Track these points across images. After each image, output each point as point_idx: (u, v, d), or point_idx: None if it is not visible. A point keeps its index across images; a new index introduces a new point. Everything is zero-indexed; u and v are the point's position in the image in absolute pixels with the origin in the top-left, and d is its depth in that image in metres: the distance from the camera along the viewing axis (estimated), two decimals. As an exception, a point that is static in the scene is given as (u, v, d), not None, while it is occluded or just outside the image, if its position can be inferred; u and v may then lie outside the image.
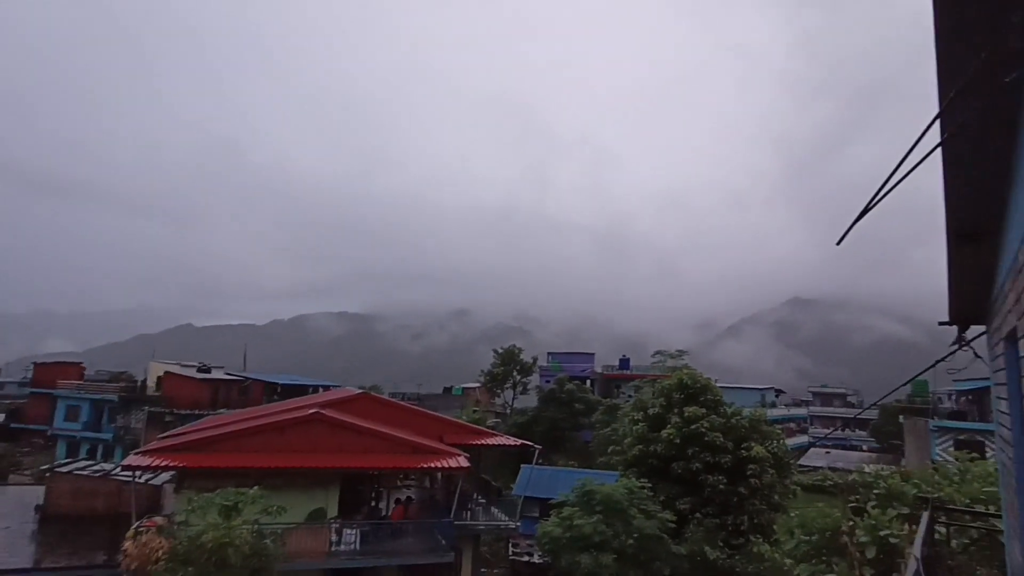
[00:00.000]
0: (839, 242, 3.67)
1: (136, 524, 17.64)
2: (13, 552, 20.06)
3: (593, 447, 46.82)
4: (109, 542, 20.16)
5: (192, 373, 56.53)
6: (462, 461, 22.79)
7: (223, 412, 44.73)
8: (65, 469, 26.64)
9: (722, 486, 24.65)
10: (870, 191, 3.52)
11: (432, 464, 23.15)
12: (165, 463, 20.42)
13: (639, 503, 21.70)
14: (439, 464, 23.01)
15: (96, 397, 53.44)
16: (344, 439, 22.52)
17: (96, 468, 27.33)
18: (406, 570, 21.34)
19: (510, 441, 29.14)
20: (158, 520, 19.55)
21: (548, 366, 65.99)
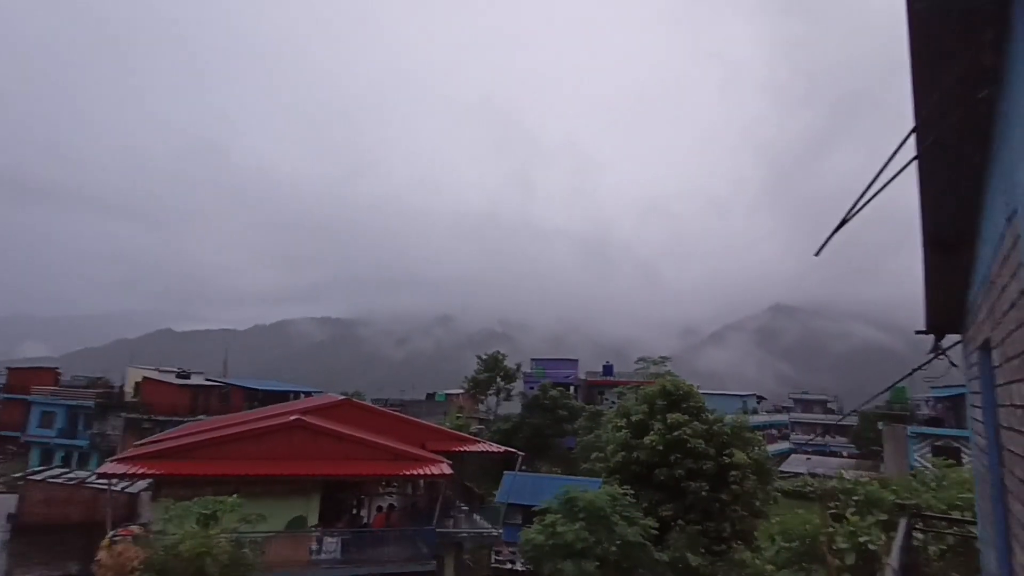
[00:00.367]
0: (817, 253, 3.71)
1: (111, 533, 17.23)
2: (-18, 563, 19.53)
3: (576, 454, 46.82)
4: (83, 552, 19.68)
5: (171, 379, 55.60)
6: (445, 468, 22.64)
7: (202, 419, 44.01)
8: (39, 477, 26.01)
9: (704, 492, 24.78)
10: (849, 201, 3.58)
11: (414, 471, 22.95)
12: (142, 471, 20.00)
13: (622, 510, 21.72)
14: (421, 471, 22.83)
15: (72, 403, 52.26)
16: (325, 446, 22.27)
17: (71, 476, 26.72)
18: (388, 579, 21.10)
19: (493, 448, 29.03)
20: (134, 529, 19.13)
21: (532, 372, 65.95)
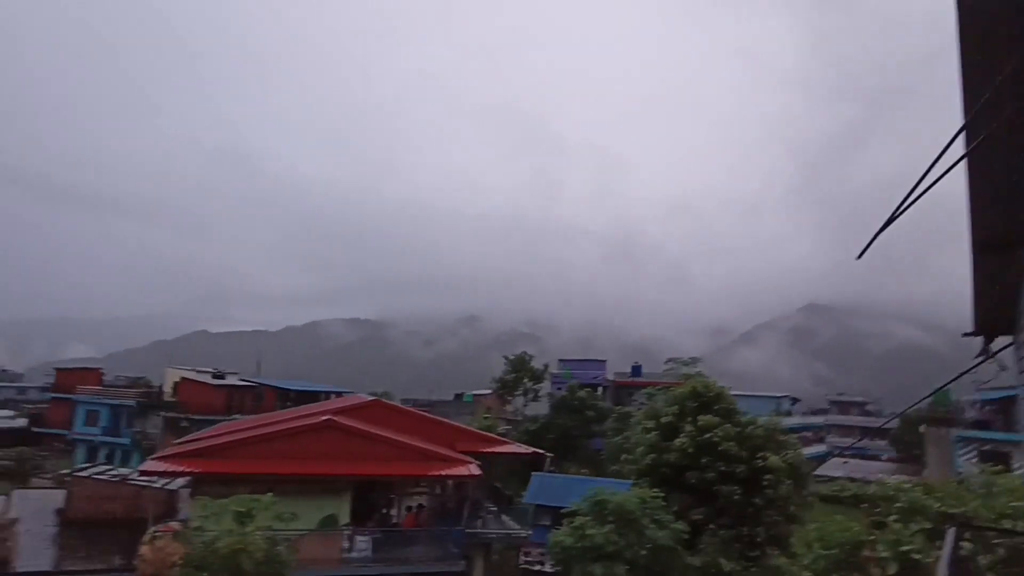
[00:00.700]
0: (860, 256, 3.60)
1: (152, 529, 17.79)
2: (34, 555, 20.31)
3: (605, 455, 46.47)
4: (127, 546, 20.33)
5: (207, 379, 57.11)
6: (473, 469, 22.73)
7: (237, 418, 45.09)
8: (85, 473, 26.96)
9: (737, 496, 24.30)
10: (887, 196, 3.46)
11: (443, 472, 23.12)
12: (180, 469, 20.61)
13: (652, 513, 21.46)
14: (450, 472, 22.98)
15: (114, 402, 54.18)
16: (356, 446, 22.57)
17: (114, 473, 27.64)
18: (417, 578, 21.28)
19: (521, 449, 29.03)
20: (174, 525, 19.71)
21: (559, 373, 65.70)
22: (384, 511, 25.44)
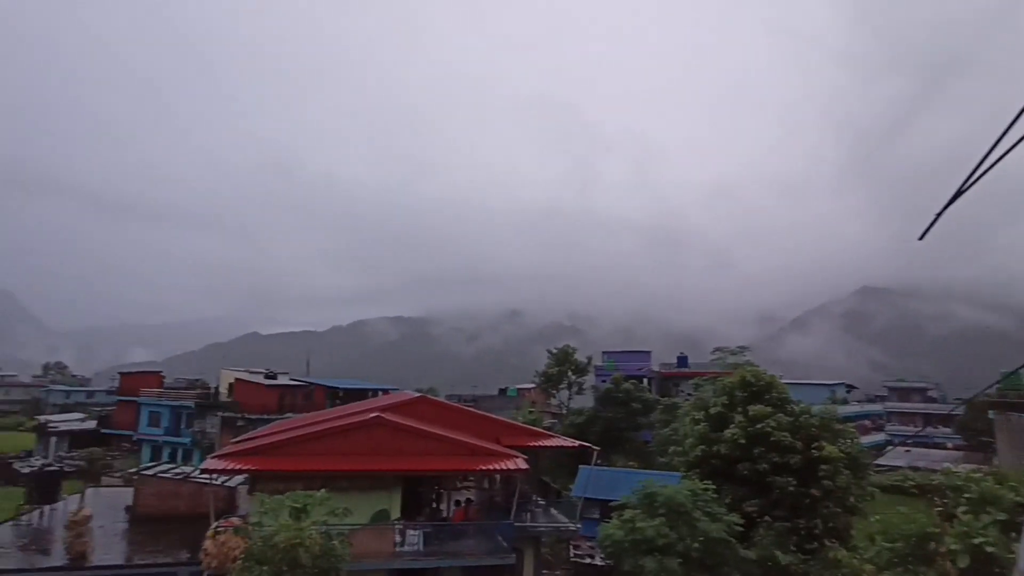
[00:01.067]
0: (923, 236, 3.39)
1: (215, 524, 18.53)
2: (108, 550, 21.50)
3: (653, 447, 45.94)
4: (191, 541, 21.28)
5: (260, 379, 59.09)
6: (520, 463, 22.78)
7: (289, 416, 46.52)
8: (150, 472, 28.30)
9: (792, 488, 23.63)
10: (945, 171, 3.26)
11: (490, 466, 23.24)
12: (238, 466, 21.38)
13: (703, 505, 21.09)
14: (497, 466, 23.08)
15: (175, 404, 56.73)
16: (404, 442, 22.94)
17: (177, 471, 28.93)
18: (469, 571, 21.50)
19: (568, 442, 28.91)
20: (234, 521, 20.49)
21: (603, 365, 65.20)
22: (433, 505, 25.81)
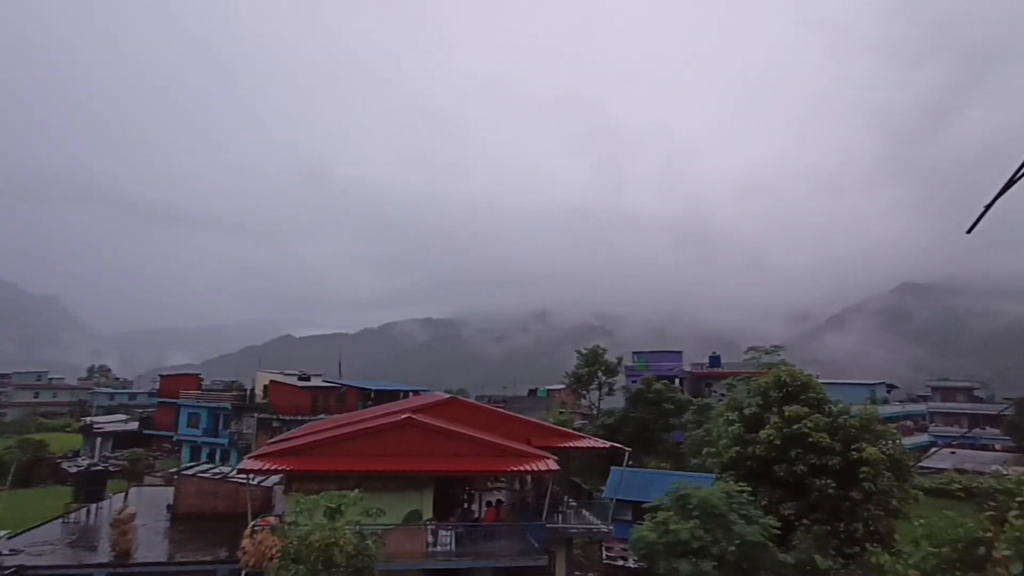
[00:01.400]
0: (970, 230, 3.23)
1: (252, 523, 18.95)
2: (150, 547, 22.18)
3: (685, 448, 45.30)
4: (229, 539, 21.81)
5: (294, 381, 60.25)
6: (551, 464, 22.70)
7: (323, 418, 47.34)
8: (190, 472, 29.10)
9: (831, 490, 22.99)
10: (987, 162, 3.10)
11: (521, 467, 23.22)
12: (274, 467, 21.83)
13: (739, 508, 20.66)
14: (528, 467, 23.05)
15: (212, 405, 58.29)
16: (436, 443, 23.09)
17: (216, 471, 29.68)
18: (500, 572, 21.52)
19: (599, 444, 28.70)
20: (271, 520, 20.94)
21: (634, 365, 64.62)
22: (465, 506, 25.92)
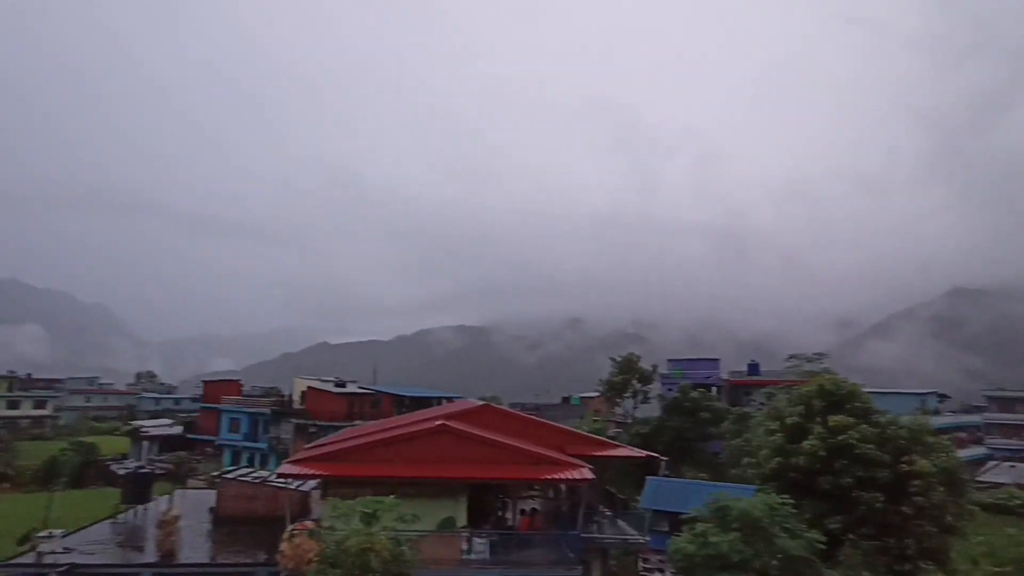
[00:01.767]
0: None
1: (290, 527, 19.21)
2: (194, 548, 22.72)
3: (724, 459, 44.23)
4: (268, 542, 22.16)
5: (330, 388, 61.26)
6: (586, 473, 22.40)
7: (358, 424, 47.92)
8: (231, 475, 29.77)
9: (879, 504, 22.07)
10: None
11: (556, 475, 22.99)
12: (311, 472, 22.14)
13: (781, 521, 19.98)
14: (563, 475, 22.80)
15: (252, 411, 59.72)
16: (469, 450, 23.04)
17: (256, 475, 30.29)
18: (536, 581, 21.27)
19: (635, 452, 28.25)
20: (308, 524, 21.19)
21: (669, 373, 63.56)
22: (499, 514, 25.77)
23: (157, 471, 33.82)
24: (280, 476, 22.93)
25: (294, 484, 25.45)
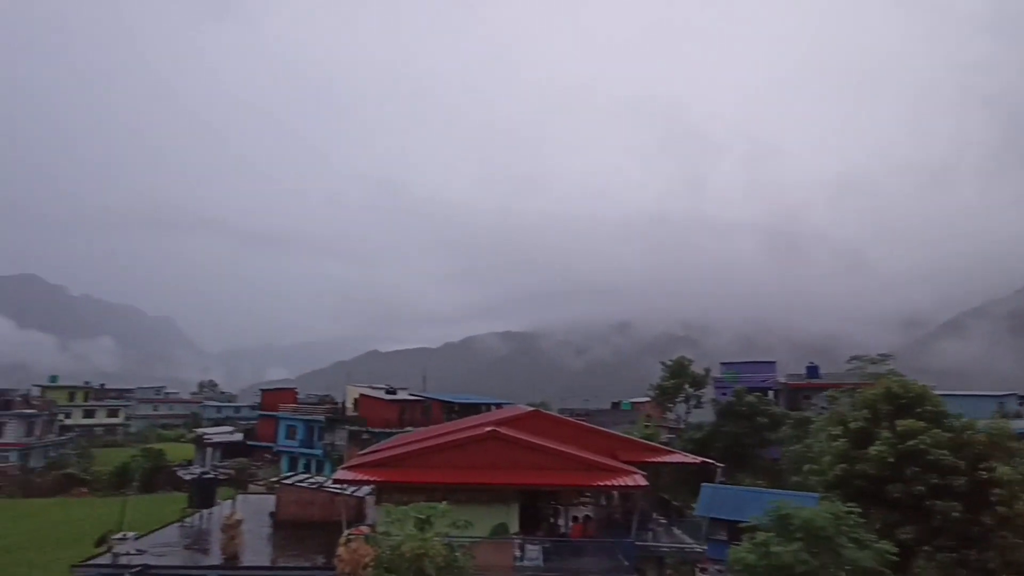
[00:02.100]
0: None
1: (347, 532, 19.59)
2: (256, 551, 23.47)
3: (783, 465, 42.63)
4: (325, 546, 22.66)
5: (381, 395, 62.40)
6: (639, 479, 21.97)
7: (409, 430, 48.60)
8: (289, 481, 30.66)
9: (956, 514, 20.74)
10: None
11: (608, 482, 22.65)
12: (365, 478, 22.55)
13: (848, 530, 19.02)
14: (615, 482, 22.44)
15: (308, 418, 61.47)
16: (520, 456, 22.98)
17: (312, 480, 31.09)
18: (590, 590, 20.97)
19: (689, 459, 27.53)
20: (364, 529, 21.57)
21: (723, 377, 61.76)
22: (551, 521, 25.57)
23: (220, 476, 35.09)
24: (336, 482, 23.45)
25: (349, 490, 25.97)
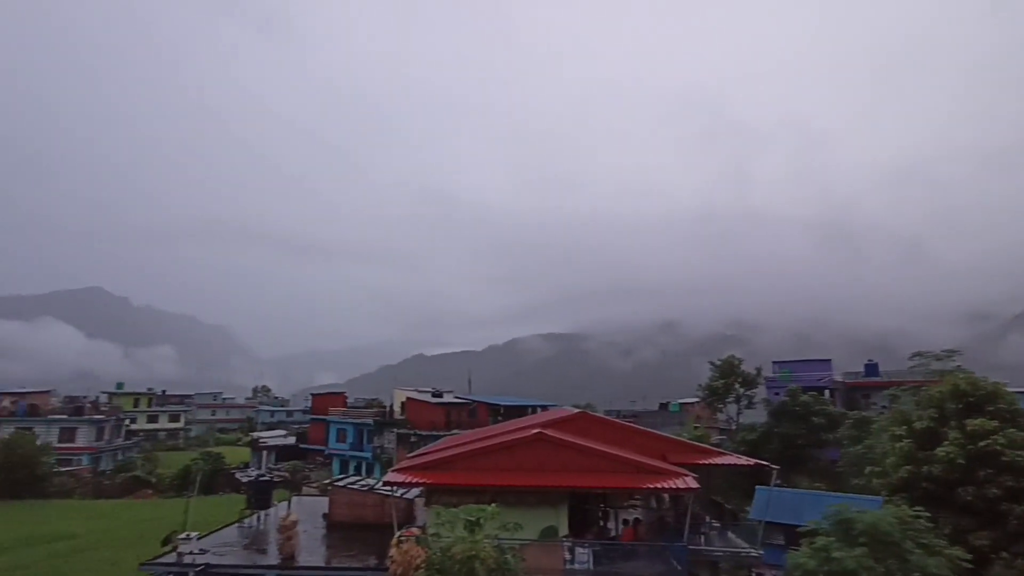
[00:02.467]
0: None
1: (398, 534, 19.88)
2: (311, 552, 24.10)
3: (842, 467, 40.96)
4: (377, 547, 23.07)
5: (428, 398, 63.21)
6: (691, 482, 21.48)
7: (456, 432, 49.01)
8: (341, 483, 31.35)
9: (1036, 519, 19.45)
10: None
11: (658, 484, 22.22)
12: (415, 480, 22.83)
13: (916, 535, 18.09)
14: (666, 484, 22.00)
15: (357, 422, 62.82)
16: (568, 458, 22.83)
17: (363, 483, 31.71)
18: (642, 594, 20.62)
19: (743, 461, 26.74)
20: (414, 531, 21.84)
21: (775, 376, 59.85)
22: (601, 523, 25.28)
23: (276, 479, 36.24)
24: (386, 484, 23.82)
25: (399, 492, 26.37)
